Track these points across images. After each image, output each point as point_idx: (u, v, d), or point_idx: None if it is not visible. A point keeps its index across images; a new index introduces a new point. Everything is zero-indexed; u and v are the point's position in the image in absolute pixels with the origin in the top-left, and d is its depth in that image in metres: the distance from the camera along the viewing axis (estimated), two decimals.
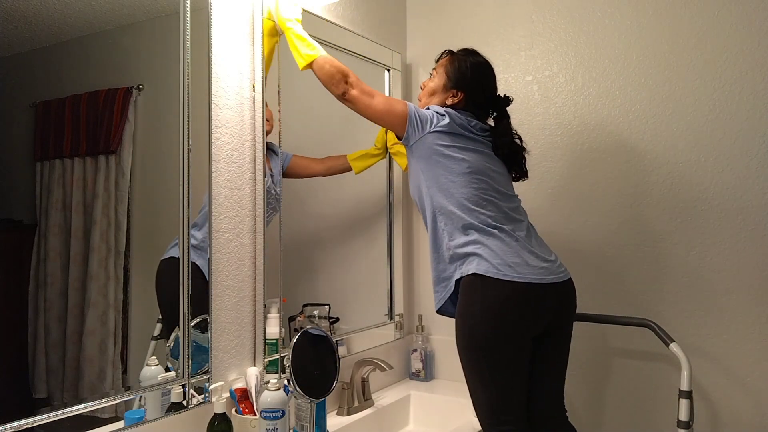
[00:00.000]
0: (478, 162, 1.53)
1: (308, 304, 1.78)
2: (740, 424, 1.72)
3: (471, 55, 1.64)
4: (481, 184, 1.51)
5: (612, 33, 1.92)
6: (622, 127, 1.90)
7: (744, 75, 1.72)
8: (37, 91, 1.12)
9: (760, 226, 1.71)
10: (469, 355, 1.46)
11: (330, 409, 1.73)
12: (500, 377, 1.44)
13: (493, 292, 1.42)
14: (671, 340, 1.64)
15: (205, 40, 1.44)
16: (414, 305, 2.28)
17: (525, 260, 1.45)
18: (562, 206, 1.99)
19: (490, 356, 1.43)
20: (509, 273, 1.42)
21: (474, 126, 1.58)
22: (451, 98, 1.61)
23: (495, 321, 1.42)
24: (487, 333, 1.43)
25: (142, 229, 1.31)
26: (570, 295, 1.57)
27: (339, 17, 1.93)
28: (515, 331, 1.44)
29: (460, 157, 1.52)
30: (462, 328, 1.47)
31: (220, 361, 1.48)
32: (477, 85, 1.61)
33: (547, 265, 1.48)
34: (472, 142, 1.56)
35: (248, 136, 1.58)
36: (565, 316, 1.56)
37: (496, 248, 1.45)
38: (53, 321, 1.14)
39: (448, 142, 1.52)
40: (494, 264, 1.43)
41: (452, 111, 1.56)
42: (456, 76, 1.61)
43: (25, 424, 1.08)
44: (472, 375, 1.47)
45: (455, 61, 1.63)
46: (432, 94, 1.65)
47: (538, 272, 1.45)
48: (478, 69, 1.62)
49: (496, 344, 1.43)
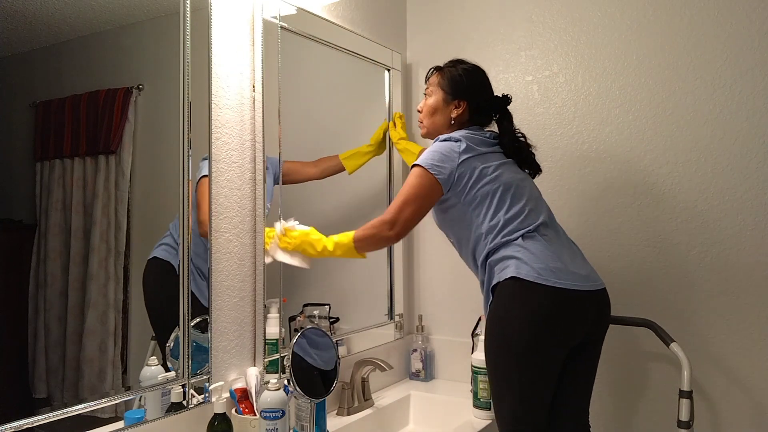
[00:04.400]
0: (508, 175, 1.50)
1: (308, 304, 1.78)
2: (740, 424, 1.72)
3: (459, 63, 1.63)
4: (516, 197, 1.47)
5: (612, 33, 1.92)
6: (622, 127, 1.90)
7: (744, 75, 1.72)
8: (37, 91, 1.12)
9: (760, 226, 1.71)
10: (500, 361, 1.40)
11: (330, 409, 1.73)
12: (529, 388, 1.38)
13: (534, 298, 1.36)
14: (671, 340, 1.64)
15: (205, 40, 1.44)
16: (414, 305, 2.28)
17: (566, 266, 1.40)
18: (561, 206, 1.99)
19: (524, 365, 1.37)
20: (551, 278, 1.36)
21: (489, 137, 1.56)
22: (456, 110, 1.59)
23: (535, 328, 1.36)
24: (525, 340, 1.36)
25: (142, 229, 1.31)
26: (607, 307, 1.51)
27: (339, 17, 1.93)
28: (553, 340, 1.38)
29: (493, 176, 1.47)
30: (496, 332, 1.40)
31: (220, 361, 1.48)
32: (476, 89, 1.60)
33: (585, 273, 1.44)
34: (495, 156, 1.53)
35: (248, 136, 1.58)
36: (602, 327, 1.51)
37: (538, 251, 1.40)
38: (53, 321, 1.14)
39: (477, 164, 1.48)
40: (536, 268, 1.37)
41: (463, 132, 1.53)
42: (453, 87, 1.59)
43: (25, 424, 1.08)
44: (500, 381, 1.41)
45: (446, 73, 1.61)
46: (433, 112, 1.61)
47: (579, 279, 1.39)
48: (471, 73, 1.61)
49: (532, 353, 1.36)
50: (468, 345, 1.98)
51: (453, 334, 2.16)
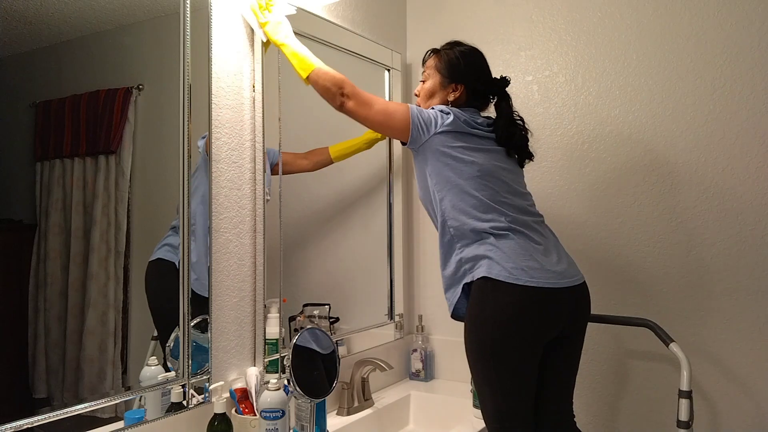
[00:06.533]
0: (488, 162, 1.49)
1: (308, 304, 1.78)
2: (740, 424, 1.72)
3: (456, 45, 1.61)
4: (492, 186, 1.47)
5: (612, 33, 1.92)
6: (622, 127, 1.90)
7: (744, 75, 1.72)
8: (37, 91, 1.12)
9: (760, 226, 1.71)
10: (478, 361, 1.42)
11: (330, 409, 1.73)
12: (509, 384, 1.40)
13: (505, 297, 1.38)
14: (671, 340, 1.64)
15: (205, 40, 1.44)
16: (414, 305, 2.28)
17: (540, 263, 1.40)
18: (561, 206, 1.99)
19: (499, 363, 1.39)
20: (522, 277, 1.37)
21: (480, 123, 1.54)
22: (452, 93, 1.57)
23: (506, 327, 1.38)
24: (498, 339, 1.38)
25: (142, 229, 1.31)
26: (584, 300, 1.51)
27: (339, 17, 1.93)
28: (527, 337, 1.39)
29: (470, 159, 1.47)
30: (471, 333, 1.43)
31: (220, 361, 1.48)
32: (472, 72, 1.58)
33: (561, 269, 1.44)
34: (480, 141, 1.51)
35: (248, 136, 1.58)
36: (579, 322, 1.51)
37: (509, 251, 1.41)
38: (53, 321, 1.14)
39: (456, 143, 1.48)
40: (506, 267, 1.38)
41: (456, 109, 1.52)
42: (449, 69, 1.57)
43: (25, 424, 1.08)
44: (481, 380, 1.43)
45: (444, 56, 1.59)
46: (431, 95, 1.60)
47: (552, 276, 1.40)
48: (468, 56, 1.59)
49: (507, 351, 1.39)
50: None
51: (453, 334, 2.16)
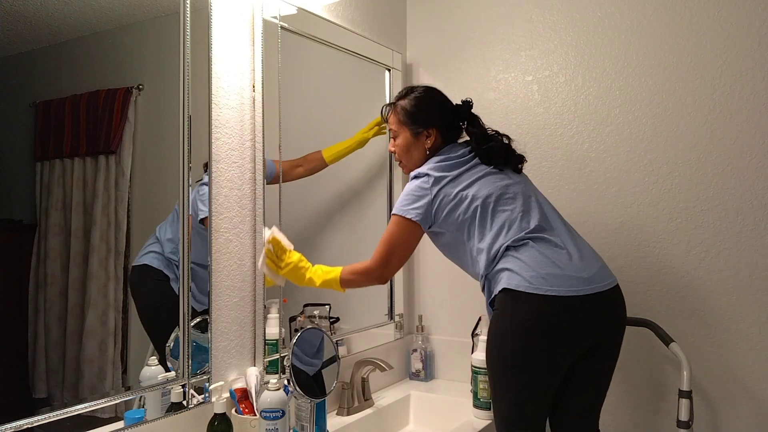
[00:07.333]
0: (486, 188, 1.47)
1: (308, 304, 1.78)
2: (740, 424, 1.72)
3: (409, 93, 1.61)
4: (501, 210, 1.45)
5: (612, 33, 1.92)
6: (622, 127, 1.90)
7: (744, 75, 1.72)
8: (37, 91, 1.12)
9: (760, 226, 1.71)
10: (496, 373, 1.40)
11: (330, 409, 1.73)
12: (525, 396, 1.37)
13: (524, 308, 1.34)
14: (671, 340, 1.64)
15: (205, 40, 1.44)
16: (414, 305, 2.28)
17: (562, 269, 1.36)
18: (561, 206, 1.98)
19: (518, 375, 1.36)
20: (543, 286, 1.33)
21: (462, 154, 1.54)
22: (427, 139, 1.57)
23: (526, 339, 1.35)
24: (516, 351, 1.35)
25: (142, 229, 1.31)
26: (615, 306, 1.45)
27: (339, 17, 1.93)
28: (547, 350, 1.36)
29: (471, 195, 1.46)
30: (491, 344, 1.41)
31: (220, 361, 1.48)
32: (437, 112, 1.59)
33: (588, 274, 1.38)
34: (470, 172, 1.50)
35: (248, 136, 1.58)
36: (611, 332, 1.45)
37: (529, 259, 1.37)
38: (53, 321, 1.14)
39: (453, 190, 1.47)
40: (526, 277, 1.35)
41: (432, 165, 1.51)
42: (414, 118, 1.57)
43: (25, 424, 1.08)
44: (496, 388, 1.42)
45: (400, 108, 1.59)
46: (407, 150, 1.59)
47: (576, 283, 1.35)
48: (426, 99, 1.60)
49: (525, 364, 1.36)
50: (468, 345, 1.98)
51: (453, 334, 2.16)
